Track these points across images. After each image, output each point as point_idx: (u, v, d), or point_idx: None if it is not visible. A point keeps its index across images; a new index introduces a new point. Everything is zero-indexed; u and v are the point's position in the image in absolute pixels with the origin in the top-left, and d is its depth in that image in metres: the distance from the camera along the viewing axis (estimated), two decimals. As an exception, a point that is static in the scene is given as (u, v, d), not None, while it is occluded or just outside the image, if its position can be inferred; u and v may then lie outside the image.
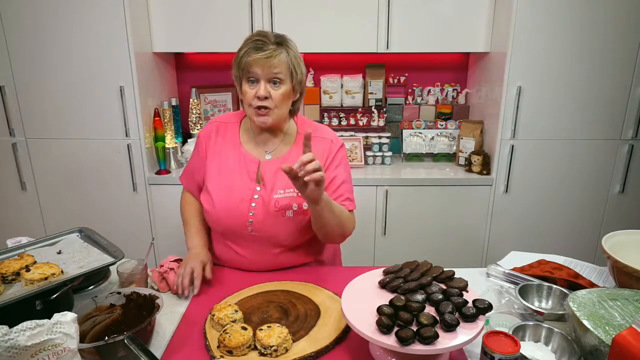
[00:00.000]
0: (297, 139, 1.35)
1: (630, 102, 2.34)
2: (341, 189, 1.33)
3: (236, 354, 0.96)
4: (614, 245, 1.16)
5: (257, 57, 1.19)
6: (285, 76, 1.22)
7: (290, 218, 1.28)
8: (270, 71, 1.20)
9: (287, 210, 1.28)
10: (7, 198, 2.49)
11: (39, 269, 1.05)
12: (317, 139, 1.32)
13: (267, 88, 1.21)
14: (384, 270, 1.10)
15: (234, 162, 1.32)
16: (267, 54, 1.19)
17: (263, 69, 1.20)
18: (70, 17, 2.22)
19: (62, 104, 2.34)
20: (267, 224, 1.28)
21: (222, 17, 2.38)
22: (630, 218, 2.51)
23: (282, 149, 1.35)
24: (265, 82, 1.21)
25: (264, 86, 1.21)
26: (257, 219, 1.28)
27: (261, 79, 1.21)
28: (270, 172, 1.30)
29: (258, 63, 1.19)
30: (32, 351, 0.80)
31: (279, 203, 1.28)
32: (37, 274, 1.03)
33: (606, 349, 0.83)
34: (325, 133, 1.38)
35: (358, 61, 2.78)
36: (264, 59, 1.19)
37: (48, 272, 1.04)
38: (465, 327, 0.89)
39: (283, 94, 1.23)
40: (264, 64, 1.19)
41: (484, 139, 2.58)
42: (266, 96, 1.21)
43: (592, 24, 2.21)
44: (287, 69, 1.22)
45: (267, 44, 1.21)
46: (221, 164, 1.34)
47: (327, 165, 1.32)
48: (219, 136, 1.38)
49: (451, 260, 2.51)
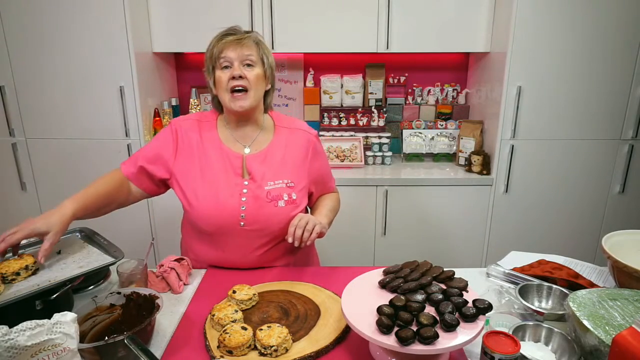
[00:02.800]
0: (275, 132, 1.39)
1: (630, 102, 2.34)
2: (328, 177, 1.48)
3: (236, 354, 0.96)
4: (614, 245, 1.16)
5: (228, 39, 1.25)
6: (257, 59, 1.27)
7: (282, 208, 1.30)
8: (243, 53, 1.25)
9: (278, 201, 1.30)
10: (7, 198, 2.49)
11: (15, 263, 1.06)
12: (294, 131, 1.40)
13: (242, 69, 1.25)
14: (384, 270, 1.10)
15: (216, 160, 1.32)
16: (237, 37, 1.26)
17: (236, 51, 1.24)
18: (70, 17, 2.22)
19: (62, 104, 2.34)
20: (260, 215, 1.29)
21: (222, 17, 2.38)
22: (630, 218, 2.51)
23: (262, 142, 1.37)
24: (238, 63, 1.25)
25: (238, 66, 1.25)
26: (249, 212, 1.29)
27: (234, 61, 1.25)
28: (256, 164, 1.32)
29: (229, 46, 1.24)
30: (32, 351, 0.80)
31: (271, 194, 1.30)
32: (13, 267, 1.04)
33: (606, 349, 0.83)
34: (301, 125, 1.43)
35: (358, 61, 2.79)
36: (235, 42, 1.25)
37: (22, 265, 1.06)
38: (465, 327, 0.89)
39: (257, 76, 1.27)
40: (236, 45, 1.24)
41: (484, 139, 2.58)
42: (241, 75, 1.24)
43: (592, 24, 2.21)
44: (257, 54, 1.27)
45: (236, 32, 1.28)
46: (203, 162, 1.33)
47: (311, 158, 1.39)
48: (197, 133, 1.35)
49: (451, 260, 2.51)
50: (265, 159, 1.33)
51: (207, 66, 1.30)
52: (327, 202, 1.44)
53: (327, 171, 1.48)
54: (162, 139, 1.36)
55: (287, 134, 1.39)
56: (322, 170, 1.44)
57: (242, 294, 1.14)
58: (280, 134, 1.38)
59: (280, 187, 1.31)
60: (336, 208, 1.48)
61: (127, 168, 1.36)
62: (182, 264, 1.29)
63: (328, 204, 1.43)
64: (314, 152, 1.40)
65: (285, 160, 1.35)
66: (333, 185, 1.53)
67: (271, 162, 1.33)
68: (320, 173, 1.44)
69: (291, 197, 1.32)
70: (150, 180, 1.37)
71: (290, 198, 1.32)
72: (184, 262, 1.30)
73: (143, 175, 1.36)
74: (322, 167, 1.44)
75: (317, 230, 1.23)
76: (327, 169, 1.48)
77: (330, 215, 1.39)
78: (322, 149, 1.47)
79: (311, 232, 1.22)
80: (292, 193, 1.32)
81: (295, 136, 1.39)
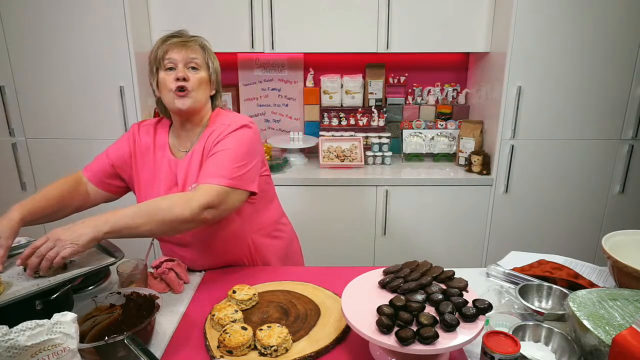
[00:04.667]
0: (203, 134, 1.29)
1: (630, 102, 2.34)
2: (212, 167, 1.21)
3: (236, 354, 0.96)
4: (614, 245, 1.16)
5: (173, 41, 1.24)
6: (201, 63, 1.26)
7: None
8: (188, 55, 1.23)
9: None
10: (7, 198, 2.49)
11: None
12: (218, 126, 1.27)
13: (185, 71, 1.23)
14: (384, 270, 1.10)
15: (161, 167, 1.33)
16: (183, 39, 1.25)
17: (180, 53, 1.23)
18: (70, 17, 2.22)
19: (62, 104, 2.34)
20: None
21: (222, 17, 2.38)
22: (630, 218, 2.51)
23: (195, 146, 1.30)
24: (182, 65, 1.23)
25: (182, 68, 1.23)
26: None
27: (179, 63, 1.23)
28: (182, 171, 1.30)
29: (174, 48, 1.23)
30: (32, 351, 0.80)
31: None
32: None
33: (606, 349, 0.83)
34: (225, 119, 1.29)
35: (358, 61, 2.78)
36: (180, 43, 1.24)
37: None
38: (465, 327, 0.89)
39: (200, 79, 1.26)
40: (181, 47, 1.23)
41: (484, 139, 2.58)
42: (184, 77, 1.22)
43: (592, 24, 2.21)
44: (202, 58, 1.27)
45: (183, 35, 1.27)
46: (151, 168, 1.34)
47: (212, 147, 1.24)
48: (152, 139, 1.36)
49: (451, 260, 2.51)
50: (190, 162, 1.29)
51: (151, 67, 1.28)
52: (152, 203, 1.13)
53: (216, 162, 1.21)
54: (125, 141, 1.38)
55: (210, 133, 1.28)
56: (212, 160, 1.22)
57: (242, 294, 1.14)
58: (206, 134, 1.29)
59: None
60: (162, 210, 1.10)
61: (91, 172, 1.38)
62: (178, 263, 1.29)
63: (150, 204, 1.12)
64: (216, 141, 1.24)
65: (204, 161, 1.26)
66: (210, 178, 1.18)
67: (193, 166, 1.27)
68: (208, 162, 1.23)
69: None
70: (117, 179, 1.38)
71: None
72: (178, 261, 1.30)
73: (109, 176, 1.37)
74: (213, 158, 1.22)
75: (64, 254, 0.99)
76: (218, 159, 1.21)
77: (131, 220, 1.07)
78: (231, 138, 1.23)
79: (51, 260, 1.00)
80: None
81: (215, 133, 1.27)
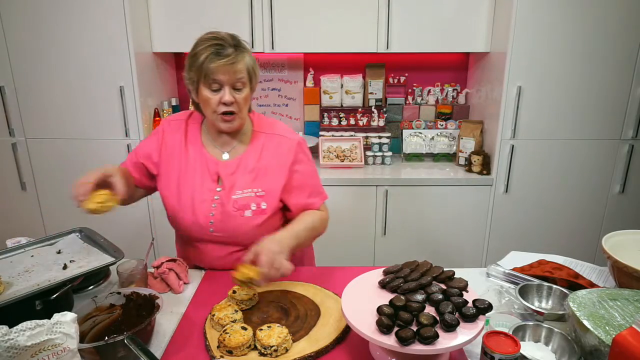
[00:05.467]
0: (252, 138, 1.34)
1: (630, 102, 2.34)
2: (308, 190, 1.34)
3: (236, 354, 0.96)
4: (614, 245, 1.16)
5: (221, 63, 1.16)
6: (246, 79, 1.23)
7: (249, 218, 1.28)
8: (234, 77, 1.19)
9: (245, 210, 1.28)
10: (7, 198, 2.49)
11: None
12: (272, 137, 1.34)
13: (232, 93, 1.20)
14: (384, 270, 1.10)
15: (195, 164, 1.32)
16: (230, 59, 1.17)
17: (227, 75, 1.18)
18: (70, 17, 2.22)
19: (62, 104, 2.34)
20: (227, 224, 1.29)
21: (222, 17, 2.38)
22: (630, 218, 2.51)
23: (239, 148, 1.34)
24: (229, 87, 1.20)
25: (229, 92, 1.20)
26: (217, 219, 1.29)
27: (225, 85, 1.19)
28: (228, 172, 1.30)
29: (221, 70, 1.17)
30: (32, 351, 0.80)
31: (238, 203, 1.28)
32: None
33: (606, 349, 0.83)
34: (280, 130, 1.36)
35: (358, 61, 2.78)
36: (228, 66, 1.17)
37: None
38: (465, 327, 0.89)
39: (246, 97, 1.24)
40: (229, 70, 1.18)
41: (484, 139, 2.58)
42: (232, 101, 1.21)
43: (592, 24, 2.21)
44: (247, 72, 1.22)
45: (226, 47, 1.18)
46: (183, 165, 1.33)
47: (290, 165, 1.31)
48: (183, 135, 1.36)
49: (451, 260, 2.51)
50: (239, 166, 1.31)
51: (192, 76, 1.22)
52: (306, 219, 1.29)
53: (307, 184, 1.34)
54: (154, 137, 1.38)
55: (264, 140, 1.33)
56: (299, 182, 1.33)
57: (242, 294, 1.14)
58: (257, 139, 1.34)
59: (248, 197, 1.28)
60: (317, 227, 1.32)
61: (125, 165, 1.39)
62: (179, 264, 1.29)
63: (307, 220, 1.29)
64: (295, 160, 1.32)
65: (258, 168, 1.30)
66: (317, 203, 1.36)
67: (244, 169, 1.30)
68: (298, 184, 1.32)
69: (260, 207, 1.28)
70: (145, 176, 1.39)
71: (259, 207, 1.28)
72: (179, 261, 1.30)
73: (141, 173, 1.38)
74: (301, 178, 1.33)
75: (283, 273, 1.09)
76: (309, 180, 1.35)
77: (303, 234, 1.25)
78: (307, 158, 1.36)
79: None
80: (261, 202, 1.29)
81: (272, 142, 1.33)
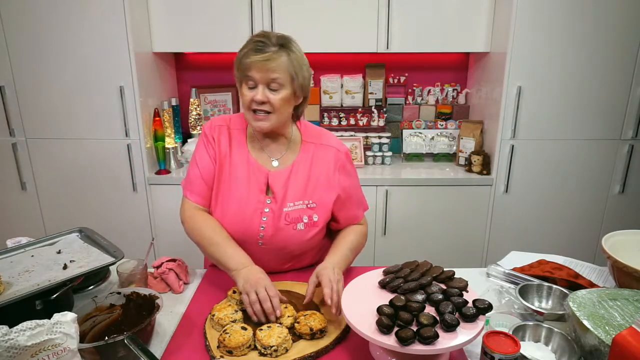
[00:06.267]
0: (302, 148, 1.31)
1: (630, 102, 2.33)
2: (354, 203, 1.37)
3: (236, 354, 0.96)
4: (614, 245, 1.16)
5: (255, 59, 1.13)
6: (284, 81, 1.16)
7: (301, 231, 1.26)
8: (268, 76, 1.15)
9: (297, 224, 1.25)
10: (7, 198, 2.49)
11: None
12: (321, 147, 1.31)
13: (265, 93, 1.16)
14: (384, 270, 1.10)
15: (243, 172, 1.27)
16: (265, 56, 1.13)
17: (260, 73, 1.15)
18: (70, 17, 2.22)
19: (62, 104, 2.34)
20: (277, 237, 1.26)
21: (222, 17, 2.38)
22: (630, 218, 2.51)
23: (289, 157, 1.30)
24: (263, 86, 1.16)
25: (262, 91, 1.16)
26: (267, 232, 1.25)
27: (259, 83, 1.16)
28: (279, 183, 1.26)
29: (255, 66, 1.14)
30: (32, 351, 0.80)
31: (290, 216, 1.25)
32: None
33: (606, 349, 0.83)
34: (330, 140, 1.34)
35: (358, 61, 2.78)
36: (261, 62, 1.13)
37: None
38: (465, 327, 0.89)
39: (282, 99, 1.18)
40: (262, 67, 1.14)
41: (484, 139, 2.58)
42: (264, 101, 1.16)
43: (592, 24, 2.21)
44: (287, 73, 1.16)
45: (268, 45, 1.15)
46: (231, 173, 1.28)
47: (338, 176, 1.30)
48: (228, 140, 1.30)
49: (451, 260, 2.51)
50: (289, 177, 1.27)
51: (236, 75, 1.22)
52: (351, 238, 1.32)
53: (354, 196, 1.35)
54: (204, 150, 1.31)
55: (313, 150, 1.30)
56: (348, 194, 1.32)
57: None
58: (307, 150, 1.30)
59: (300, 209, 1.26)
60: (360, 246, 1.35)
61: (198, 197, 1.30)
62: (179, 264, 1.29)
63: (351, 240, 1.31)
64: (342, 171, 1.31)
65: (309, 179, 1.28)
66: (360, 215, 1.39)
67: (294, 180, 1.27)
68: (347, 196, 1.32)
69: (312, 219, 1.26)
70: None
71: (311, 220, 1.26)
72: (179, 261, 1.30)
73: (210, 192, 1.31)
74: (349, 190, 1.33)
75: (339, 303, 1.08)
76: (355, 193, 1.36)
77: (350, 257, 1.29)
78: (353, 170, 1.36)
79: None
80: (313, 215, 1.26)
81: (322, 152, 1.30)
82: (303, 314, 1.05)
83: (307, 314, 1.05)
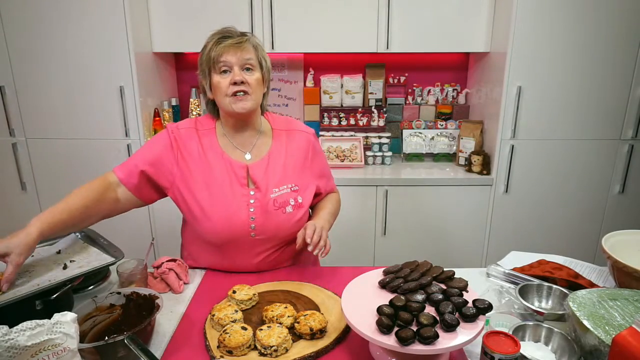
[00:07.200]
0: (274, 135, 1.37)
1: (630, 102, 2.34)
2: (328, 175, 1.47)
3: (236, 354, 0.96)
4: (614, 245, 1.16)
5: (227, 43, 1.20)
6: (255, 63, 1.24)
7: (290, 213, 1.30)
8: (243, 57, 1.21)
9: (286, 207, 1.29)
10: (7, 198, 2.49)
11: None
12: (292, 132, 1.39)
13: (242, 73, 1.22)
14: (384, 270, 1.10)
15: (219, 170, 1.28)
16: (237, 40, 1.21)
17: (235, 55, 1.21)
18: (70, 17, 2.22)
19: (62, 104, 2.34)
20: (269, 224, 1.28)
21: (222, 17, 2.38)
22: (630, 218, 2.51)
23: (262, 147, 1.34)
24: (238, 67, 1.21)
25: (238, 71, 1.21)
26: (258, 222, 1.27)
27: (234, 65, 1.21)
28: (260, 173, 1.29)
29: (229, 50, 1.20)
30: (32, 351, 0.80)
31: (277, 202, 1.28)
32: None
33: (606, 349, 0.83)
34: (297, 125, 1.42)
35: (358, 61, 2.79)
36: (235, 46, 1.21)
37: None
38: (465, 327, 0.89)
39: (257, 80, 1.24)
40: (236, 50, 1.21)
41: (484, 139, 2.58)
42: (242, 80, 1.21)
43: (592, 24, 2.21)
44: (256, 57, 1.24)
45: (233, 35, 1.24)
46: (207, 174, 1.27)
47: (311, 157, 1.39)
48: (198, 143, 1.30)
49: (451, 260, 2.51)
50: (268, 165, 1.31)
51: (203, 69, 1.26)
52: (328, 205, 1.42)
53: (326, 169, 1.47)
54: (161, 144, 1.29)
55: (285, 137, 1.37)
56: (322, 169, 1.44)
57: (242, 294, 1.14)
58: (279, 137, 1.37)
59: (285, 193, 1.30)
60: (337, 211, 1.46)
61: (124, 173, 1.27)
62: (179, 264, 1.29)
63: (328, 207, 1.41)
64: (314, 151, 1.40)
65: (287, 164, 1.33)
66: (333, 184, 1.51)
67: (274, 168, 1.32)
68: (321, 172, 1.43)
69: (297, 201, 1.31)
70: (149, 186, 1.30)
71: (297, 202, 1.31)
72: (179, 261, 1.30)
73: (143, 181, 1.28)
74: (322, 166, 1.44)
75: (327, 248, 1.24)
76: (327, 167, 1.48)
77: (331, 220, 1.38)
78: (320, 147, 1.46)
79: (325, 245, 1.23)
80: (297, 197, 1.32)
81: (294, 138, 1.38)
82: (303, 314, 1.06)
83: (307, 314, 1.05)
